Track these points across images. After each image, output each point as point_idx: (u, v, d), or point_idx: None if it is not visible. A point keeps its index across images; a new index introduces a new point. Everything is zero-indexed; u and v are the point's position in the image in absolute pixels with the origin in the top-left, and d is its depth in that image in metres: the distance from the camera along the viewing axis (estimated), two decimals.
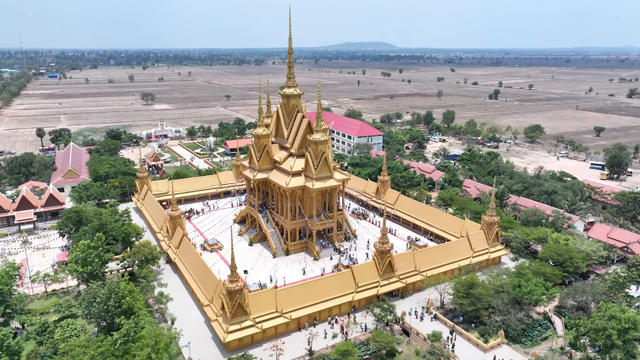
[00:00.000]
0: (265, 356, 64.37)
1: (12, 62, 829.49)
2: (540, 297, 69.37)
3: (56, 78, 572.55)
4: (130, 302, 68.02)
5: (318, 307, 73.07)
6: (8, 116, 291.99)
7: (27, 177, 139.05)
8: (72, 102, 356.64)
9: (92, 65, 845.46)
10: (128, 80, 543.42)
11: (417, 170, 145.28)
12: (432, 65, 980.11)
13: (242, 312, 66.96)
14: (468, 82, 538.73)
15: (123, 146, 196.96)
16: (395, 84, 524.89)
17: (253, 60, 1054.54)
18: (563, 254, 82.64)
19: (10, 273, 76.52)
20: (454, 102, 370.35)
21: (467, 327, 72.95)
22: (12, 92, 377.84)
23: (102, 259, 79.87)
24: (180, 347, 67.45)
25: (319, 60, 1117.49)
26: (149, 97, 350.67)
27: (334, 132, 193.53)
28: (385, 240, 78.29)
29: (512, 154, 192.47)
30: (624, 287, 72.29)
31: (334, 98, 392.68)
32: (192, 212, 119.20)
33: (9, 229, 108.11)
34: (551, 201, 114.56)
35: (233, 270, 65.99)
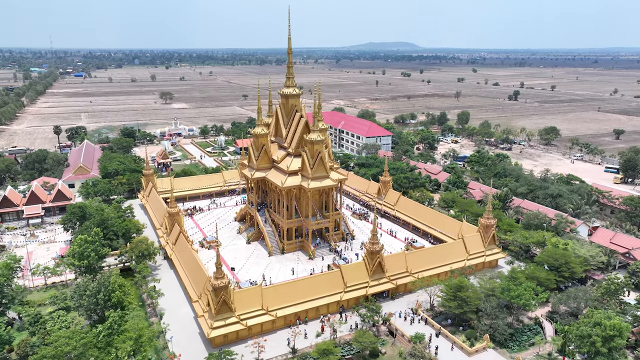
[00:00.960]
0: (247, 353, 65.03)
1: (42, 62, 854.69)
2: (527, 301, 68.24)
3: (81, 77, 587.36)
4: (120, 296, 69.75)
5: (305, 305, 73.42)
6: (32, 114, 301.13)
7: (40, 173, 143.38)
8: (94, 100, 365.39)
9: (117, 64, 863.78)
10: (150, 80, 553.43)
11: (423, 172, 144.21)
12: (455, 65, 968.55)
13: (227, 309, 67.86)
14: (489, 82, 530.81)
15: (137, 144, 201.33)
16: (414, 85, 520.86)
17: (274, 60, 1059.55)
18: (559, 259, 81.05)
19: (11, 265, 79.49)
20: (472, 103, 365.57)
21: (454, 330, 72.33)
22: (38, 90, 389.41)
23: (98, 253, 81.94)
24: (167, 341, 68.77)
25: (341, 61, 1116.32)
26: (168, 96, 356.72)
27: (344, 132, 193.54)
28: (375, 241, 78.20)
29: (525, 156, 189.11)
30: (617, 294, 70.48)
31: (351, 98, 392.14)
32: (195, 210, 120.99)
33: (19, 223, 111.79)
34: (556, 205, 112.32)
35: (218, 268, 66.90)
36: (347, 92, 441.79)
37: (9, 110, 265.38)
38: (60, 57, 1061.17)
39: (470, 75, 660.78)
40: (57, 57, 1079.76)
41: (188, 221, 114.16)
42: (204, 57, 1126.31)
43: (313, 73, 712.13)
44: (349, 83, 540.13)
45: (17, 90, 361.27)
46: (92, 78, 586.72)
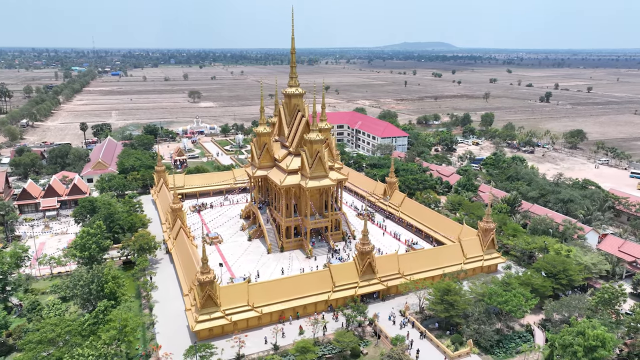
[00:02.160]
0: (230, 347, 66.11)
1: (83, 61, 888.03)
2: (514, 307, 66.62)
3: (118, 76, 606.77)
4: (113, 287, 72.32)
5: (292, 303, 74.09)
6: (66, 111, 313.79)
7: (63, 167, 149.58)
8: (126, 99, 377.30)
9: (153, 64, 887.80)
10: (182, 79, 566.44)
11: (435, 174, 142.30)
12: (489, 66, 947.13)
13: (212, 304, 69.27)
14: (522, 83, 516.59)
15: (159, 141, 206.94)
16: (444, 85, 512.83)
17: (307, 60, 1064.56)
18: (557, 266, 78.68)
19: (19, 254, 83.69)
20: (501, 104, 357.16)
21: (441, 334, 71.46)
22: (75, 88, 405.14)
23: (100, 245, 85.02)
24: (155, 332, 70.86)
25: (373, 61, 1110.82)
26: (196, 94, 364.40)
27: (360, 133, 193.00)
28: (366, 242, 77.95)
29: (547, 159, 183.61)
30: (612, 303, 67.82)
31: (377, 98, 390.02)
32: (203, 206, 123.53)
33: (36, 215, 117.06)
34: (567, 210, 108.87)
35: (204, 263, 68.40)
36: (374, 92, 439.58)
37: (45, 107, 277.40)
38: (100, 57, 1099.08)
39: (504, 76, 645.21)
40: (98, 56, 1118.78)
41: (195, 217, 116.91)
42: (237, 57, 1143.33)
43: (343, 73, 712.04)
44: (378, 83, 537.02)
45: (56, 89, 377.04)
46: (127, 77, 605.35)
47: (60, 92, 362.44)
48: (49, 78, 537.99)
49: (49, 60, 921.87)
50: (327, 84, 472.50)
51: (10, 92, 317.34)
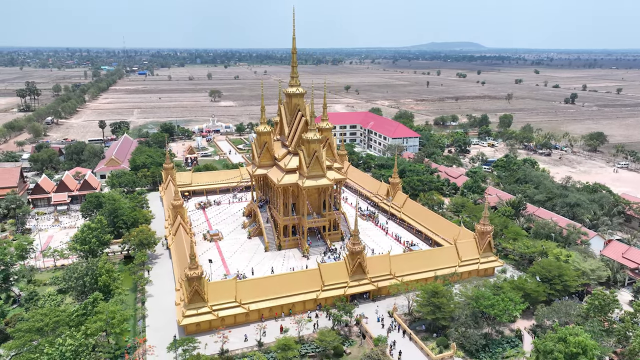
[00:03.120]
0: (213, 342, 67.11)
1: (112, 61, 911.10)
2: (500, 312, 65.52)
3: (144, 75, 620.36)
4: (106, 280, 74.41)
5: (280, 301, 74.69)
6: (91, 109, 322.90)
7: (78, 164, 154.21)
8: (149, 97, 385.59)
9: (180, 63, 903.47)
10: (206, 78, 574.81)
11: (444, 175, 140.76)
12: (517, 66, 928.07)
13: (200, 299, 70.47)
14: (549, 84, 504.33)
15: (175, 139, 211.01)
16: (467, 86, 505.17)
17: (331, 60, 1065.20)
18: (552, 271, 76.92)
19: (23, 246, 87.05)
20: (524, 105, 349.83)
21: (428, 336, 70.86)
22: (101, 87, 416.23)
23: (100, 239, 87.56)
24: (146, 325, 72.57)
25: (398, 61, 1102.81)
26: (217, 94, 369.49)
27: (372, 133, 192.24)
28: (357, 241, 77.91)
29: (564, 162, 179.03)
30: (604, 311, 65.86)
31: (397, 99, 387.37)
32: (208, 203, 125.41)
33: (48, 209, 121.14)
34: (573, 214, 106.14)
35: (192, 259, 69.68)
36: (395, 92, 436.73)
37: (70, 105, 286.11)
38: (130, 56, 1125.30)
39: (531, 76, 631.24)
40: (127, 56, 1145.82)
41: (200, 214, 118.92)
42: (263, 57, 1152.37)
43: (366, 73, 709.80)
44: (400, 83, 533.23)
45: (82, 87, 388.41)
46: (153, 76, 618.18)
47: (86, 91, 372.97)
48: (79, 77, 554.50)
49: (81, 59, 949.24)
50: (348, 84, 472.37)
51: (39, 91, 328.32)
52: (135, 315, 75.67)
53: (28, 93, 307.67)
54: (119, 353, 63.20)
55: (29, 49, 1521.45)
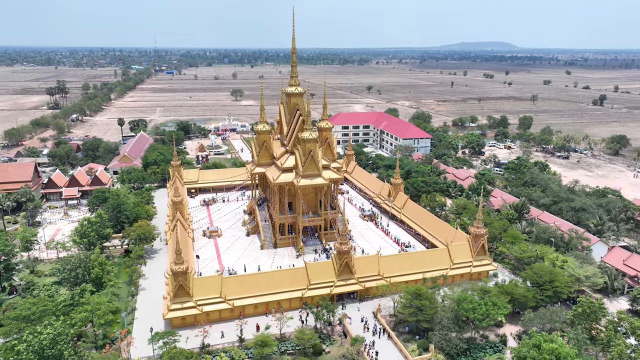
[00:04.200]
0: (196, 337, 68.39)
1: (143, 60, 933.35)
2: (480, 316, 64.44)
3: (171, 74, 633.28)
4: (99, 273, 76.81)
5: (265, 298, 75.49)
6: (116, 107, 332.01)
7: (93, 160, 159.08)
8: (173, 96, 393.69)
9: (207, 63, 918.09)
10: (231, 78, 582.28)
11: (451, 176, 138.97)
12: (549, 67, 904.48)
13: (185, 293, 71.93)
14: (579, 85, 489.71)
15: (191, 137, 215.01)
16: (493, 87, 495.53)
17: (357, 60, 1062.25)
18: (543, 276, 75.18)
19: (27, 238, 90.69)
20: (549, 107, 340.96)
21: (410, 338, 70.39)
22: (127, 86, 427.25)
23: (99, 233, 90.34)
24: (134, 318, 74.57)
25: (426, 61, 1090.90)
26: (238, 93, 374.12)
27: (384, 133, 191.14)
28: (344, 241, 77.97)
29: (582, 165, 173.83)
30: (590, 318, 63.88)
31: (418, 99, 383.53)
32: (213, 201, 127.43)
33: (59, 203, 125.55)
34: (578, 219, 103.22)
35: (177, 254, 71.15)
36: (417, 92, 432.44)
37: (95, 103, 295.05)
38: (160, 56, 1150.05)
39: (562, 77, 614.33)
40: (158, 55, 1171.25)
41: (204, 211, 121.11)
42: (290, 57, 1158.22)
43: (391, 73, 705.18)
44: (424, 84, 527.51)
45: (110, 86, 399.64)
46: (180, 75, 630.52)
47: (112, 89, 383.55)
48: (109, 76, 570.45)
49: (113, 59, 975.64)
50: (371, 84, 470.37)
51: (67, 89, 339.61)
52: (126, 307, 77.80)
53: (57, 91, 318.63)
54: (101, 343, 65.19)
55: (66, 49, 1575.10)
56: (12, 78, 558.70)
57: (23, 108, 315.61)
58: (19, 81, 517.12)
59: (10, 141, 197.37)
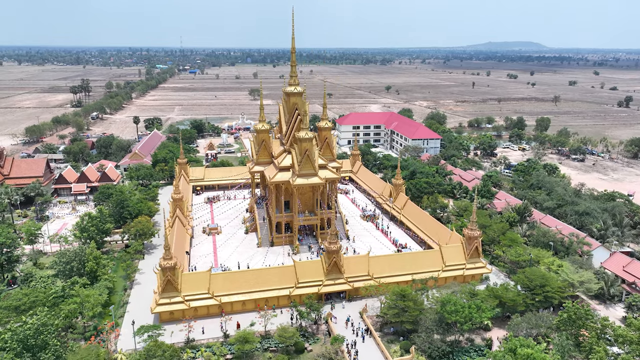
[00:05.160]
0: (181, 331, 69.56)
1: (168, 59, 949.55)
2: (462, 319, 63.64)
3: (194, 74, 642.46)
4: (93, 266, 78.91)
5: (253, 295, 76.20)
6: (136, 105, 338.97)
7: (106, 156, 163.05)
8: (193, 95, 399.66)
9: (230, 62, 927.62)
10: (252, 77, 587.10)
11: (457, 178, 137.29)
12: (577, 67, 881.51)
13: (173, 289, 73.25)
14: (606, 86, 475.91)
15: (205, 136, 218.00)
16: (516, 87, 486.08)
17: (380, 60, 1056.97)
18: (534, 280, 73.76)
19: (32, 232, 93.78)
20: (571, 108, 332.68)
21: (395, 339, 70.07)
22: (149, 85, 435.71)
23: (99, 228, 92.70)
24: (126, 311, 76.37)
25: (450, 61, 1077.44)
26: (256, 92, 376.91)
27: (395, 134, 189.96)
28: (333, 240, 78.05)
29: (597, 169, 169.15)
30: (576, 324, 62.31)
31: (437, 100, 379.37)
32: (216, 198, 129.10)
33: (69, 198, 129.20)
34: (581, 223, 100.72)
35: (167, 249, 72.52)
36: (437, 93, 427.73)
37: (115, 102, 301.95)
38: (185, 55, 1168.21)
39: (589, 78, 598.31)
40: (183, 55, 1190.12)
41: (207, 208, 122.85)
42: (312, 56, 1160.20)
43: (413, 73, 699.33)
44: (445, 84, 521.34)
45: (132, 84, 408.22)
46: (203, 75, 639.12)
47: (134, 88, 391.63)
48: (133, 75, 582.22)
49: (140, 58, 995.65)
50: (390, 84, 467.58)
51: (90, 87, 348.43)
52: (119, 301, 79.73)
53: (80, 90, 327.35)
54: (88, 335, 66.99)
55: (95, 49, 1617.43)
56: (41, 77, 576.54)
57: (48, 106, 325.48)
58: (48, 80, 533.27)
59: (30, 138, 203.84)
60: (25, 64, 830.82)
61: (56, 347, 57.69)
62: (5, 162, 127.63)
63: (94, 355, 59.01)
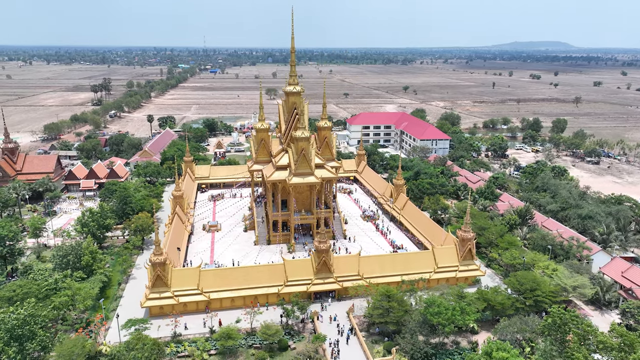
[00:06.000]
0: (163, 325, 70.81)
1: (190, 59, 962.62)
2: (443, 321, 63.01)
3: (214, 73, 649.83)
4: (89, 261, 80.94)
5: (242, 292, 76.98)
6: (154, 104, 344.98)
7: (117, 154, 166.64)
8: (211, 94, 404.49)
9: (252, 62, 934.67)
10: (271, 77, 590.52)
11: (463, 179, 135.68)
12: (606, 67, 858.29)
13: (163, 284, 74.56)
14: (632, 87, 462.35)
15: (217, 134, 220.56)
16: (537, 88, 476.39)
17: (401, 60, 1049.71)
18: (525, 284, 72.52)
19: (36, 225, 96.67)
20: (592, 109, 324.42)
21: (380, 339, 69.88)
22: (170, 84, 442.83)
23: (99, 223, 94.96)
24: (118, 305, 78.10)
25: (472, 61, 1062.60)
26: (273, 92, 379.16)
27: (404, 134, 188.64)
28: (323, 240, 78.22)
29: (611, 172, 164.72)
30: (561, 330, 60.90)
31: (454, 100, 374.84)
32: (220, 196, 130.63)
33: (78, 194, 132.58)
34: (584, 227, 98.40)
35: (157, 245, 73.87)
36: (455, 93, 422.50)
37: (134, 101, 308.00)
38: (208, 55, 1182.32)
39: (616, 78, 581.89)
40: (206, 55, 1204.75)
41: (210, 206, 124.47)
42: (333, 56, 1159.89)
43: (433, 73, 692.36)
44: (464, 84, 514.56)
45: (152, 83, 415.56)
46: (223, 74, 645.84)
47: (154, 87, 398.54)
48: (155, 74, 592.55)
49: (163, 58, 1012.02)
50: (408, 84, 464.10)
51: (110, 86, 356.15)
52: (114, 295, 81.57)
53: (100, 88, 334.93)
54: (77, 327, 68.77)
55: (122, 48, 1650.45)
56: (67, 76, 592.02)
57: (70, 104, 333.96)
58: (73, 79, 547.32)
59: (49, 135, 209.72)
60: (53, 64, 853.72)
61: (43, 338, 59.54)
62: (18, 158, 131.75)
63: (80, 347, 60.62)
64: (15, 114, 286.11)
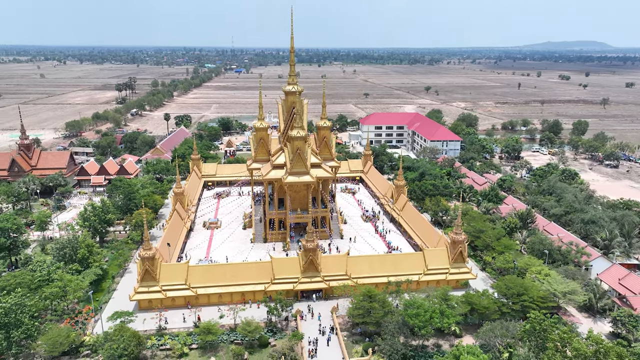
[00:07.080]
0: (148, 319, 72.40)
1: (217, 59, 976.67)
2: (421, 323, 62.35)
3: (239, 73, 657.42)
4: (85, 254, 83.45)
5: (229, 289, 78.00)
6: (177, 103, 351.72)
7: (131, 151, 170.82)
8: (233, 94, 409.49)
9: (277, 62, 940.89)
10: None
11: (469, 181, 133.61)
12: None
13: (151, 278, 76.25)
14: None
15: (232, 133, 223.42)
16: (565, 89, 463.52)
17: (428, 60, 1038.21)
18: (512, 288, 71.04)
19: (42, 219, 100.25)
20: (620, 111, 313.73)
21: (361, 339, 69.69)
22: (193, 83, 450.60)
23: (100, 218, 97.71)
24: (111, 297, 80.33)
25: (501, 61, 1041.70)
26: None
27: (416, 135, 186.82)
28: (310, 239, 78.47)
29: (630, 176, 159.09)
30: (541, 336, 59.41)
31: (476, 101, 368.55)
32: (225, 194, 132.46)
33: (89, 189, 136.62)
34: (586, 232, 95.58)
35: (146, 241, 75.60)
36: (478, 94, 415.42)
37: (155, 99, 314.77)
38: (235, 55, 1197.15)
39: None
40: (233, 55, 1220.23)
41: (214, 203, 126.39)
42: (359, 56, 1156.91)
43: (459, 74, 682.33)
44: (489, 85, 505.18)
45: (175, 83, 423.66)
46: (248, 74, 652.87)
47: (177, 87, 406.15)
48: (182, 74, 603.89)
49: (191, 58, 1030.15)
50: (431, 85, 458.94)
51: (134, 85, 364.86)
52: (108, 287, 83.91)
53: (125, 87, 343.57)
54: (65, 317, 71.04)
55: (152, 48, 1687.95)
56: (97, 75, 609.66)
57: (96, 102, 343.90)
58: (103, 78, 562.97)
59: (70, 132, 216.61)
60: (86, 63, 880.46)
61: (29, 326, 61.86)
62: (33, 154, 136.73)
63: (64, 336, 62.81)
64: (43, 112, 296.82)
